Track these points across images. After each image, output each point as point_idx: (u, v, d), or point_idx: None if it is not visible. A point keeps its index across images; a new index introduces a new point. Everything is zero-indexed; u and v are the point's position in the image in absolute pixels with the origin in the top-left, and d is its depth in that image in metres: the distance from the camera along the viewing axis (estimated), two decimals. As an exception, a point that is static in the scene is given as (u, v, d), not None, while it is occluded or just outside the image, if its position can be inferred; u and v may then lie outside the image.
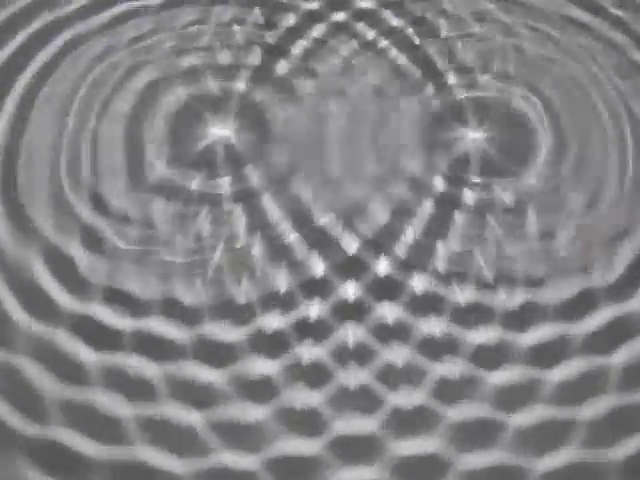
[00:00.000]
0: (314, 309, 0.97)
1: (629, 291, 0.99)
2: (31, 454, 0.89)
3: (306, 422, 0.92)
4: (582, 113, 1.08)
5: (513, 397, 0.94)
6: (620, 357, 0.96)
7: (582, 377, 0.95)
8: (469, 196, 1.04)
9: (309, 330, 0.96)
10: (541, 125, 1.06)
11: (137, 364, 0.92)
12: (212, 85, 1.10)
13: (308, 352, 0.95)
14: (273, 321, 0.96)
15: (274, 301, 0.97)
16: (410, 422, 0.92)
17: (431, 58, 1.09)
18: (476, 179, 1.04)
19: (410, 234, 1.02)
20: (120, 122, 1.07)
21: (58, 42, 1.11)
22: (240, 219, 1.03)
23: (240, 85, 1.09)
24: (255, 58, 1.12)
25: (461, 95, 1.08)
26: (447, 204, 1.04)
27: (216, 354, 0.94)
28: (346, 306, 0.98)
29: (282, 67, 1.11)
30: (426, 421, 0.92)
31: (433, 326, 0.97)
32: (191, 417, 0.91)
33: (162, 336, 0.94)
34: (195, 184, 1.04)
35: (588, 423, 0.92)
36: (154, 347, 0.94)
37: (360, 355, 0.95)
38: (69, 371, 0.93)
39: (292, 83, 1.09)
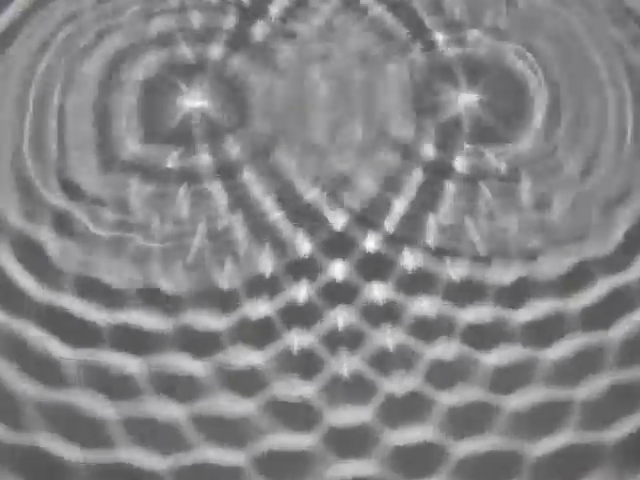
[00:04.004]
0: (302, 292, 0.94)
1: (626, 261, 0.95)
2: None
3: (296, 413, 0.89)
4: (578, 67, 1.02)
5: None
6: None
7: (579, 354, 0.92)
8: (461, 164, 0.99)
9: (297, 316, 0.93)
10: (536, 83, 1.01)
11: (117, 360, 0.89)
12: (186, 51, 1.02)
13: (297, 340, 0.92)
14: (259, 307, 0.93)
15: (260, 285, 0.94)
16: (404, 408, 0.90)
17: (417, 14, 1.02)
18: (468, 145, 0.99)
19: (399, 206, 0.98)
20: (88, 94, 0.99)
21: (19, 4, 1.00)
22: (221, 197, 0.98)
23: (215, 50, 1.02)
24: (230, 20, 1.05)
25: (450, 54, 1.01)
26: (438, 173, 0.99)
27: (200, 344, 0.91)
28: (335, 287, 0.94)
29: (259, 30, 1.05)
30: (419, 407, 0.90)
31: (425, 306, 0.94)
32: (174, 412, 0.88)
33: (142, 328, 0.91)
34: (171, 161, 0.98)
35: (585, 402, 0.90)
36: (133, 340, 0.90)
37: (351, 340, 0.92)
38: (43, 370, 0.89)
39: (271, 47, 1.03)
